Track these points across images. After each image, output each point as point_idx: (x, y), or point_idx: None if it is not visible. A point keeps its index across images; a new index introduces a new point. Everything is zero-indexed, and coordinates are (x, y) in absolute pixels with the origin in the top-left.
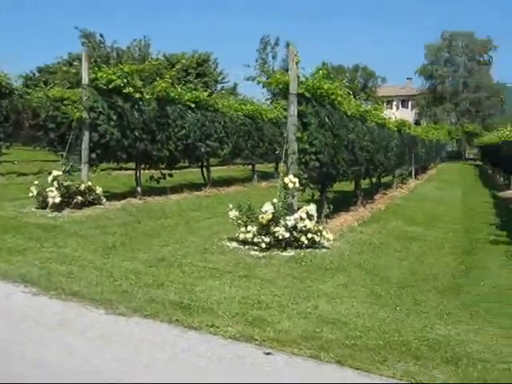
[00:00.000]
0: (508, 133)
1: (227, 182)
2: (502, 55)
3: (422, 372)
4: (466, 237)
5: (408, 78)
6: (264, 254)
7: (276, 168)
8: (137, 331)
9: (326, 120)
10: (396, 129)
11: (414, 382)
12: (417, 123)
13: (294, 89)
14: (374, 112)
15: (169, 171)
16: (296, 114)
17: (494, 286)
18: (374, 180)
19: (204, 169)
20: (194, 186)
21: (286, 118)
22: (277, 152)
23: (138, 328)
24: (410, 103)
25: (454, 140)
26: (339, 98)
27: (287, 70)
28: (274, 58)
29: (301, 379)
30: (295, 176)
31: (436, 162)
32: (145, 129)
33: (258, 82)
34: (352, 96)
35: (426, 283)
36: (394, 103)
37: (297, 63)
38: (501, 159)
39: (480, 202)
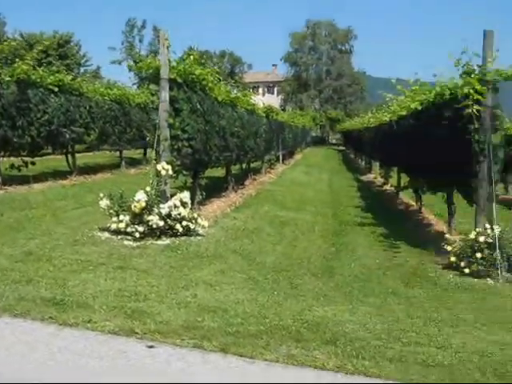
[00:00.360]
0: (372, 119)
1: (94, 169)
2: (361, 45)
3: (304, 354)
4: (335, 220)
5: (273, 65)
6: (138, 243)
7: (145, 154)
8: (7, 332)
9: (198, 106)
10: (264, 115)
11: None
12: (283, 109)
13: (165, 74)
14: (243, 98)
15: (31, 159)
16: (168, 99)
17: (363, 266)
18: (244, 166)
19: (69, 156)
20: (59, 174)
21: (153, 103)
22: (147, 138)
23: (9, 328)
24: (275, 89)
25: (318, 126)
26: (210, 84)
27: (155, 54)
28: (140, 41)
29: (187, 371)
30: (168, 163)
31: (302, 147)
32: (4, 114)
33: (129, 67)
34: (222, 82)
35: (301, 266)
36: (260, 89)
37: (168, 48)
38: (363, 144)
39: (345, 186)
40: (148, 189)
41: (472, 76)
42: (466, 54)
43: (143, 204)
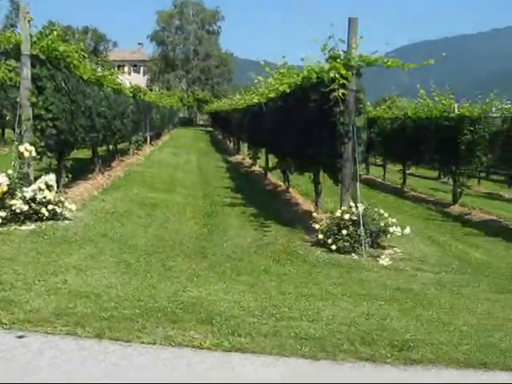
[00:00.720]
0: (241, 101)
1: None
2: (229, 27)
3: (181, 334)
4: (205, 201)
5: (139, 43)
6: (0, 229)
7: (2, 135)
8: None
9: (63, 84)
10: (131, 95)
11: None
12: (150, 89)
13: (26, 49)
14: (109, 77)
15: None
16: (30, 77)
17: (235, 245)
18: (111, 147)
19: None
20: None
21: (12, 80)
22: (7, 118)
23: None
24: (142, 69)
25: (185, 106)
26: (75, 62)
27: (13, 27)
28: None
29: (61, 358)
30: (31, 144)
31: (169, 128)
32: None
33: None
34: (87, 60)
35: (174, 248)
36: (126, 68)
37: (29, 21)
38: (231, 126)
39: (214, 167)
40: (10, 172)
41: (338, 61)
42: (333, 39)
43: (5, 188)
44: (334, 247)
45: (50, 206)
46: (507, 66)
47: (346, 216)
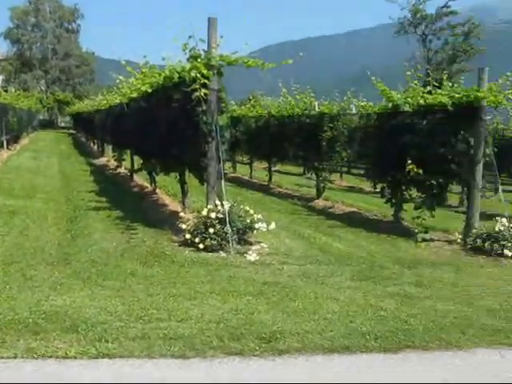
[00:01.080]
0: (103, 102)
1: None
2: (90, 26)
3: (44, 345)
4: (69, 206)
5: None
6: None
7: None
8: None
9: None
10: None
11: None
12: (5, 90)
13: None
14: None
15: None
16: None
17: (101, 250)
18: None
19: None
20: None
21: None
22: None
23: None
24: None
25: (45, 108)
26: None
27: None
28: None
29: None
30: None
31: (28, 131)
32: None
33: None
34: None
35: (34, 257)
36: None
37: None
38: (94, 127)
39: (78, 170)
40: None
41: (198, 60)
42: (193, 39)
43: None
44: (201, 246)
45: None
46: (364, 65)
47: (213, 214)
